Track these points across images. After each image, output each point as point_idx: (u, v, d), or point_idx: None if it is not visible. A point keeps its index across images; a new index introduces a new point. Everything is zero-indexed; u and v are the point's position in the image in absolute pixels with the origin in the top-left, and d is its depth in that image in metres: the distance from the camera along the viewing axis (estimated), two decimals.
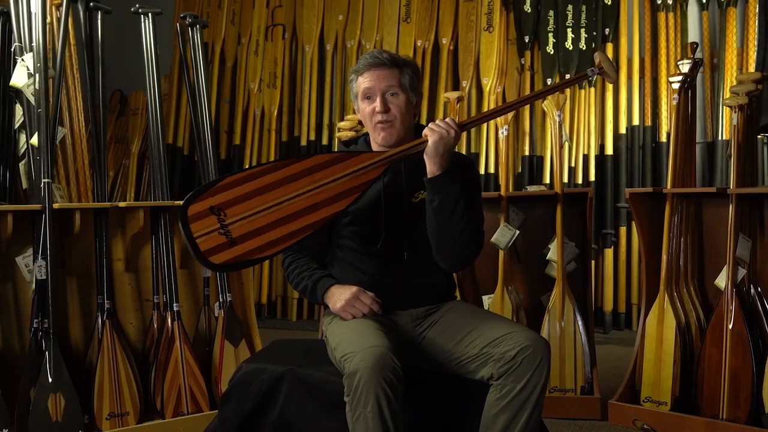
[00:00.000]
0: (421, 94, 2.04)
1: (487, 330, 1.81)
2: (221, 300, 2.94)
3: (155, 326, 2.85)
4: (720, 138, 4.32)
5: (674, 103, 2.87)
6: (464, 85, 4.83)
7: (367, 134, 2.06)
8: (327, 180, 1.74)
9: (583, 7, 4.66)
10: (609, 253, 4.51)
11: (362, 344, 1.68)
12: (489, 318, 1.89)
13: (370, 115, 1.93)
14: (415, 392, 1.79)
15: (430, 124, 1.82)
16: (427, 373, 1.89)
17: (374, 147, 2.01)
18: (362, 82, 1.93)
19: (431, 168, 1.82)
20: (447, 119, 1.82)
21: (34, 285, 2.54)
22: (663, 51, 4.50)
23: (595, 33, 4.63)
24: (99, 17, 2.90)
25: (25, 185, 2.91)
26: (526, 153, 4.76)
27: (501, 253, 3.07)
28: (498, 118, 3.19)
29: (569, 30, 4.68)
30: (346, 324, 1.86)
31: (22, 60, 2.73)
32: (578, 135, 4.61)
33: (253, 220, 1.69)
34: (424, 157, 1.82)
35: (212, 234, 1.67)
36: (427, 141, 1.80)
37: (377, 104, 1.90)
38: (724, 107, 4.22)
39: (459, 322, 1.89)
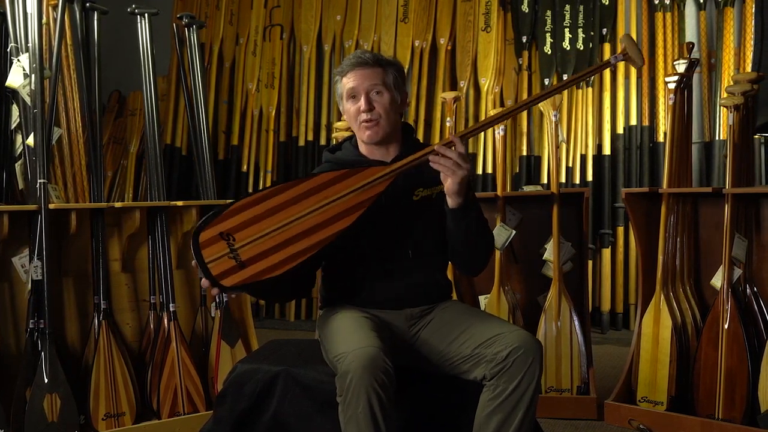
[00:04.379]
0: (407, 93, 2.03)
1: (480, 330, 1.81)
2: (218, 300, 2.95)
3: (152, 327, 2.86)
4: (717, 138, 4.32)
5: (670, 103, 2.87)
6: (462, 85, 4.84)
7: (351, 137, 2.06)
8: (333, 198, 1.76)
9: (581, 7, 4.66)
10: (607, 253, 4.51)
11: (354, 345, 1.69)
12: (481, 318, 1.90)
13: (356, 115, 1.94)
14: (409, 393, 1.79)
15: (440, 161, 1.77)
16: (421, 374, 1.89)
17: (360, 148, 2.01)
18: (347, 82, 1.94)
19: (455, 201, 1.81)
20: (457, 150, 1.75)
21: (30, 285, 2.54)
22: (660, 51, 4.50)
23: (592, 33, 4.63)
24: (95, 18, 2.90)
25: (21, 186, 2.91)
26: (524, 153, 4.76)
27: (498, 253, 3.07)
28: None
29: (567, 30, 4.68)
30: (339, 324, 1.86)
31: (18, 60, 2.73)
32: (576, 135, 4.61)
33: (261, 243, 1.73)
34: (447, 194, 1.81)
35: (222, 258, 1.72)
36: (433, 153, 1.77)
37: (362, 103, 1.91)
38: (721, 107, 4.22)
39: (452, 322, 1.89)
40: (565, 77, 4.64)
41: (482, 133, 4.79)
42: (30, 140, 2.65)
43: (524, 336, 1.75)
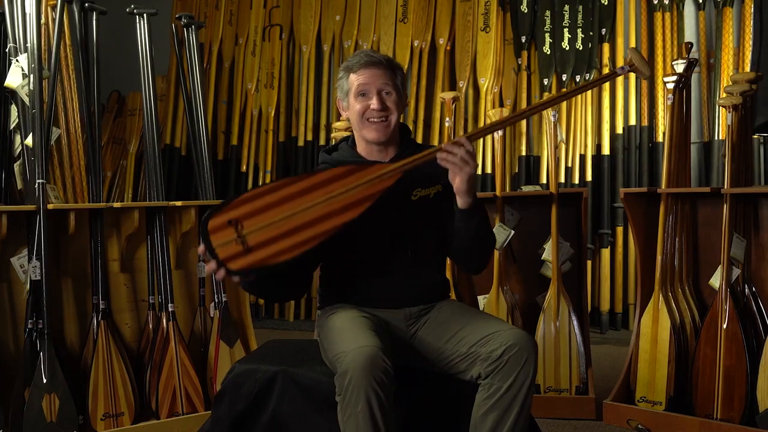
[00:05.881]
0: (407, 95, 2.06)
1: (475, 329, 1.81)
2: (216, 300, 2.95)
3: (150, 327, 2.86)
4: (716, 138, 4.32)
5: (669, 103, 2.87)
6: (461, 86, 4.84)
7: (348, 137, 2.06)
8: (340, 191, 1.79)
9: (580, 7, 4.66)
10: (606, 253, 4.51)
11: (353, 344, 1.69)
12: (477, 316, 1.90)
13: (362, 112, 1.94)
14: (407, 392, 1.79)
15: (448, 158, 1.78)
16: (419, 373, 1.89)
17: (359, 148, 2.01)
18: (356, 79, 1.94)
19: (466, 200, 1.83)
20: (464, 148, 1.77)
21: (28, 286, 2.54)
22: (659, 51, 4.50)
23: (591, 33, 4.63)
24: (94, 18, 2.90)
25: (20, 186, 2.91)
26: (523, 153, 4.76)
27: (496, 254, 3.07)
28: (494, 118, 3.20)
29: (566, 30, 4.68)
30: (338, 324, 1.86)
31: (17, 61, 2.73)
32: (575, 135, 4.61)
33: (268, 230, 1.75)
34: (456, 194, 1.83)
35: (230, 243, 1.74)
36: (439, 153, 1.78)
37: (374, 101, 1.92)
38: (720, 107, 4.22)
39: (449, 321, 1.89)
40: (564, 77, 4.65)
41: None
42: (29, 140, 2.66)
43: (518, 334, 1.75)
